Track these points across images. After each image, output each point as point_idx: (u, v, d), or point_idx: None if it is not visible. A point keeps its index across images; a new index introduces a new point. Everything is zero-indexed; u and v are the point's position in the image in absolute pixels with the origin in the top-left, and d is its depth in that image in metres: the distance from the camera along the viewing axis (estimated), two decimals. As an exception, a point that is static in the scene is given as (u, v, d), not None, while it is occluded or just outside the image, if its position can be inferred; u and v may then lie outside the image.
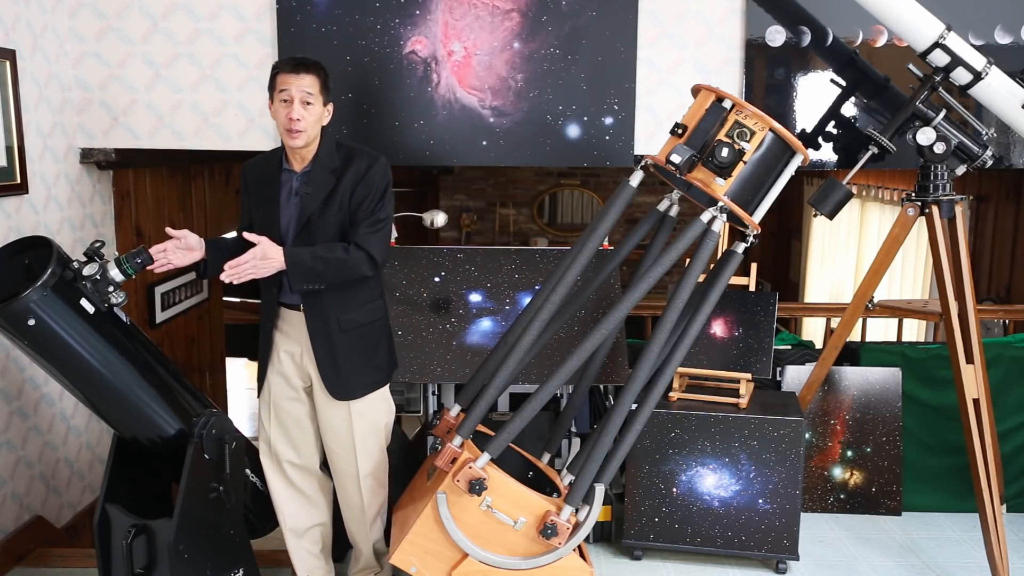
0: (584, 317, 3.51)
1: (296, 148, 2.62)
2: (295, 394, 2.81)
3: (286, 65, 2.61)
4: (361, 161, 2.66)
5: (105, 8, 3.60)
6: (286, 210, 2.68)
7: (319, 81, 2.62)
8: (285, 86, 2.58)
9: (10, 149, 3.29)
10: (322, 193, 2.63)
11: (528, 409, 2.55)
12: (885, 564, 3.41)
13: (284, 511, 2.88)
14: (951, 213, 3.20)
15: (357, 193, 2.64)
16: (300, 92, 2.57)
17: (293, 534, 2.90)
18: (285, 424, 2.83)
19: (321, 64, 2.66)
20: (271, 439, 2.85)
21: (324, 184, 2.63)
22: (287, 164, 2.69)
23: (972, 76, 3.05)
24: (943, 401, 3.78)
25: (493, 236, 10.23)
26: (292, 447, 2.84)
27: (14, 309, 2.28)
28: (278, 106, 2.60)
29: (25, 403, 3.46)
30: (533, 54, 3.56)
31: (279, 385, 2.80)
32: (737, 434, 3.27)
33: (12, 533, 3.36)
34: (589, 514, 2.58)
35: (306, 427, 2.85)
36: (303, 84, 2.58)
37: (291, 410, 2.82)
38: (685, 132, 2.52)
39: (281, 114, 2.58)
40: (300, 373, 2.79)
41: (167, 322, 4.82)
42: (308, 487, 2.89)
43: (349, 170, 2.64)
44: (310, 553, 2.93)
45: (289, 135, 2.58)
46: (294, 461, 2.85)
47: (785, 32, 3.55)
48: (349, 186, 2.63)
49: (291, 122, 2.56)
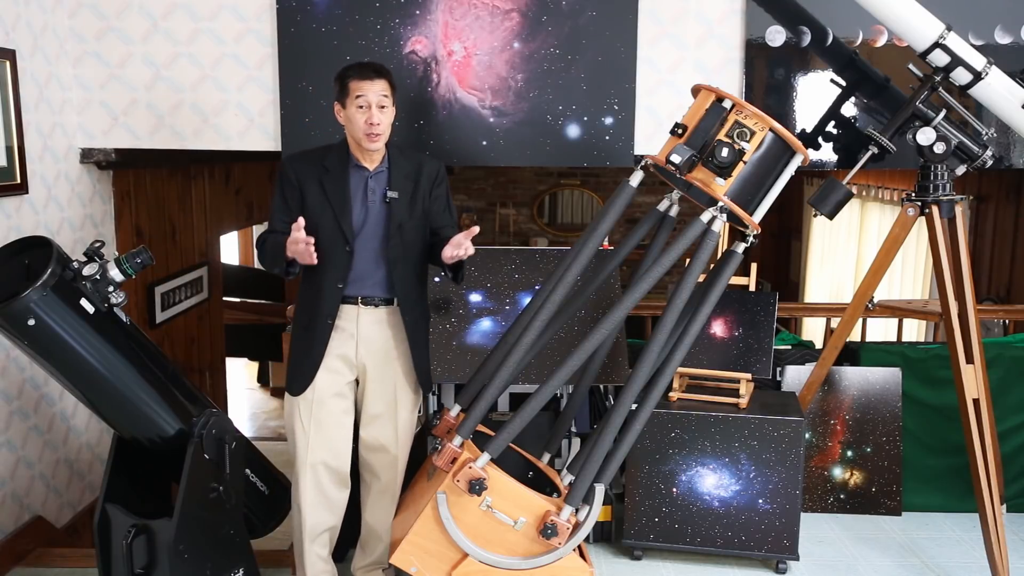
0: (584, 317, 3.51)
1: (374, 151, 2.73)
2: (340, 390, 2.83)
3: (360, 71, 2.70)
4: (429, 164, 2.85)
5: (105, 8, 3.60)
6: (362, 208, 2.75)
7: (391, 85, 2.73)
8: (362, 92, 2.66)
9: (10, 149, 3.29)
10: (406, 197, 2.77)
11: (528, 409, 2.55)
12: (885, 564, 3.41)
13: (307, 515, 2.87)
14: (951, 213, 3.20)
15: (436, 195, 2.83)
16: (376, 96, 2.67)
17: (309, 538, 2.89)
18: (325, 425, 2.82)
19: (389, 68, 2.77)
20: (310, 442, 2.83)
21: (406, 189, 2.77)
22: (356, 161, 2.76)
23: (972, 76, 3.05)
24: (943, 401, 3.78)
25: (493, 236, 10.23)
26: (330, 449, 2.84)
27: (14, 309, 2.28)
28: (353, 112, 2.68)
29: (25, 403, 3.46)
30: (533, 54, 3.56)
31: (327, 382, 2.81)
32: (737, 434, 3.27)
33: (12, 533, 3.36)
34: (589, 514, 2.58)
35: (345, 426, 2.86)
36: (378, 89, 2.67)
37: (333, 408, 2.82)
38: (685, 132, 2.52)
39: (359, 119, 2.67)
40: (351, 367, 2.82)
41: (167, 322, 4.83)
42: (333, 491, 2.88)
43: (423, 173, 2.81)
44: (319, 557, 2.93)
45: (369, 139, 2.68)
46: (330, 463, 2.85)
47: (785, 32, 3.55)
48: (427, 188, 2.81)
49: (371, 127, 2.66)
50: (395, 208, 2.74)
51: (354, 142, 2.74)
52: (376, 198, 2.75)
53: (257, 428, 7.70)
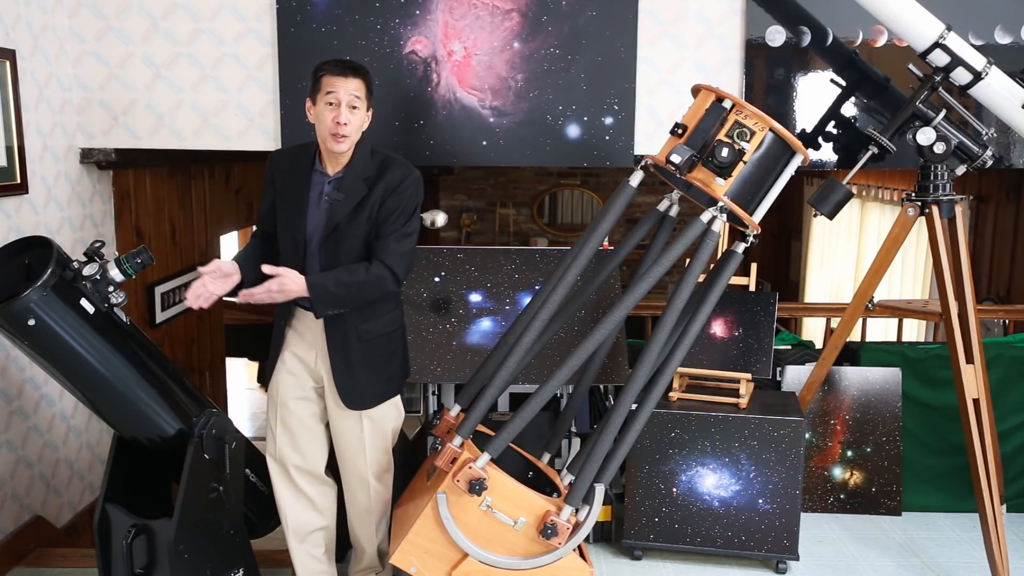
0: (584, 317, 3.51)
1: (338, 152, 2.58)
2: (304, 394, 2.78)
3: (334, 67, 2.54)
4: (395, 172, 2.61)
5: (105, 8, 3.60)
6: (314, 213, 2.63)
7: (366, 85, 2.57)
8: (332, 88, 2.52)
9: (10, 149, 3.29)
10: (352, 201, 2.58)
11: (528, 409, 2.55)
12: (885, 564, 3.41)
13: (288, 514, 2.86)
14: (951, 213, 3.20)
15: (387, 205, 2.59)
16: (348, 95, 2.52)
17: (296, 537, 2.88)
18: (291, 427, 2.79)
19: (367, 69, 2.61)
20: (277, 442, 2.81)
21: (355, 192, 2.58)
22: (320, 165, 2.64)
23: (972, 76, 3.05)
24: (943, 401, 3.78)
25: (493, 236, 10.23)
26: (297, 451, 2.81)
27: (14, 309, 2.28)
28: (322, 108, 2.53)
29: (25, 403, 3.46)
30: (533, 54, 3.56)
31: (288, 384, 2.77)
32: (737, 434, 3.27)
33: (12, 533, 3.36)
34: (589, 514, 2.58)
35: (312, 430, 2.81)
36: (351, 87, 2.53)
37: (298, 411, 2.79)
38: (685, 132, 2.52)
39: (326, 117, 2.52)
40: (311, 374, 2.76)
41: (167, 322, 4.82)
42: (312, 491, 2.86)
43: (382, 180, 2.59)
44: (312, 557, 2.91)
45: (334, 139, 2.53)
46: (299, 465, 2.82)
47: (785, 32, 3.55)
48: (380, 196, 2.59)
49: (337, 126, 2.51)
50: (336, 210, 2.59)
51: (321, 143, 2.61)
52: (327, 203, 2.62)
53: (257, 428, 7.70)
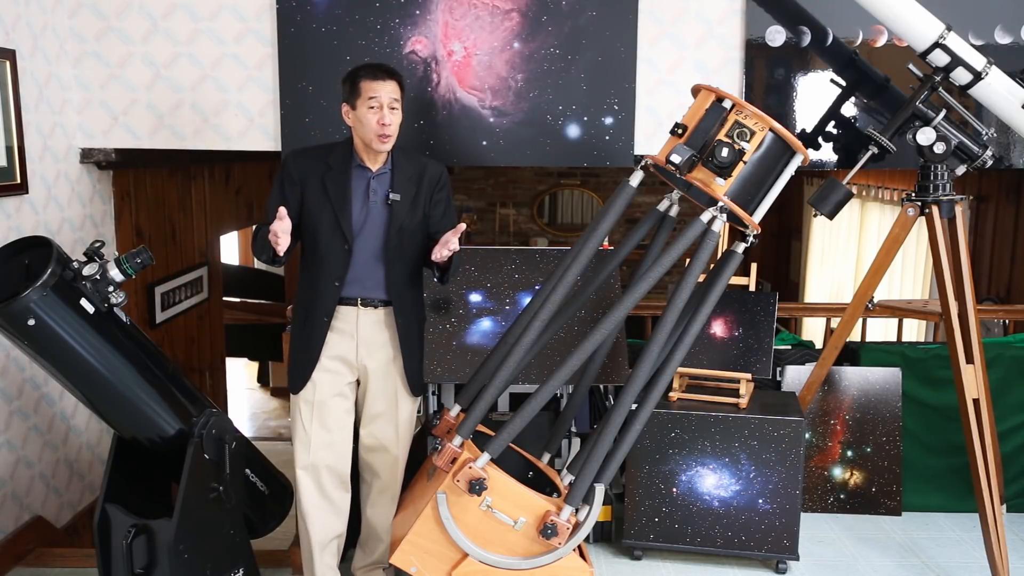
0: (584, 317, 3.50)
1: (383, 152, 2.73)
2: (340, 390, 2.83)
3: (372, 72, 2.70)
4: (433, 168, 2.84)
5: (105, 8, 3.60)
6: (362, 209, 2.74)
7: (400, 87, 2.75)
8: (374, 93, 2.66)
9: (10, 149, 3.29)
10: (408, 200, 2.77)
11: (528, 409, 2.55)
12: (885, 564, 3.41)
13: (315, 522, 2.85)
14: (951, 213, 3.20)
15: (437, 199, 2.83)
16: (388, 98, 2.68)
17: (319, 547, 2.87)
18: (328, 426, 2.82)
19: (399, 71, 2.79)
20: (312, 443, 2.81)
21: (408, 191, 2.77)
22: (361, 162, 2.76)
23: (972, 76, 3.05)
24: (943, 401, 3.78)
25: (493, 236, 10.22)
26: (332, 450, 2.83)
27: (14, 309, 2.28)
28: (364, 112, 2.67)
29: (25, 403, 3.46)
30: (533, 54, 3.56)
31: (325, 383, 2.80)
32: (737, 434, 3.27)
33: (12, 533, 3.36)
34: (589, 514, 2.58)
35: (345, 427, 2.86)
36: (389, 89, 2.69)
37: (335, 409, 2.82)
38: (685, 132, 2.52)
39: (371, 120, 2.66)
40: (351, 368, 2.82)
41: (167, 322, 4.83)
42: (337, 495, 2.88)
43: (425, 176, 2.81)
44: (329, 567, 2.92)
45: (380, 140, 2.68)
46: (332, 465, 2.84)
47: (785, 32, 3.55)
48: (428, 192, 2.81)
49: (383, 127, 2.67)
50: (396, 210, 2.74)
51: (361, 143, 2.74)
52: (378, 199, 2.75)
53: (257, 428, 7.70)
